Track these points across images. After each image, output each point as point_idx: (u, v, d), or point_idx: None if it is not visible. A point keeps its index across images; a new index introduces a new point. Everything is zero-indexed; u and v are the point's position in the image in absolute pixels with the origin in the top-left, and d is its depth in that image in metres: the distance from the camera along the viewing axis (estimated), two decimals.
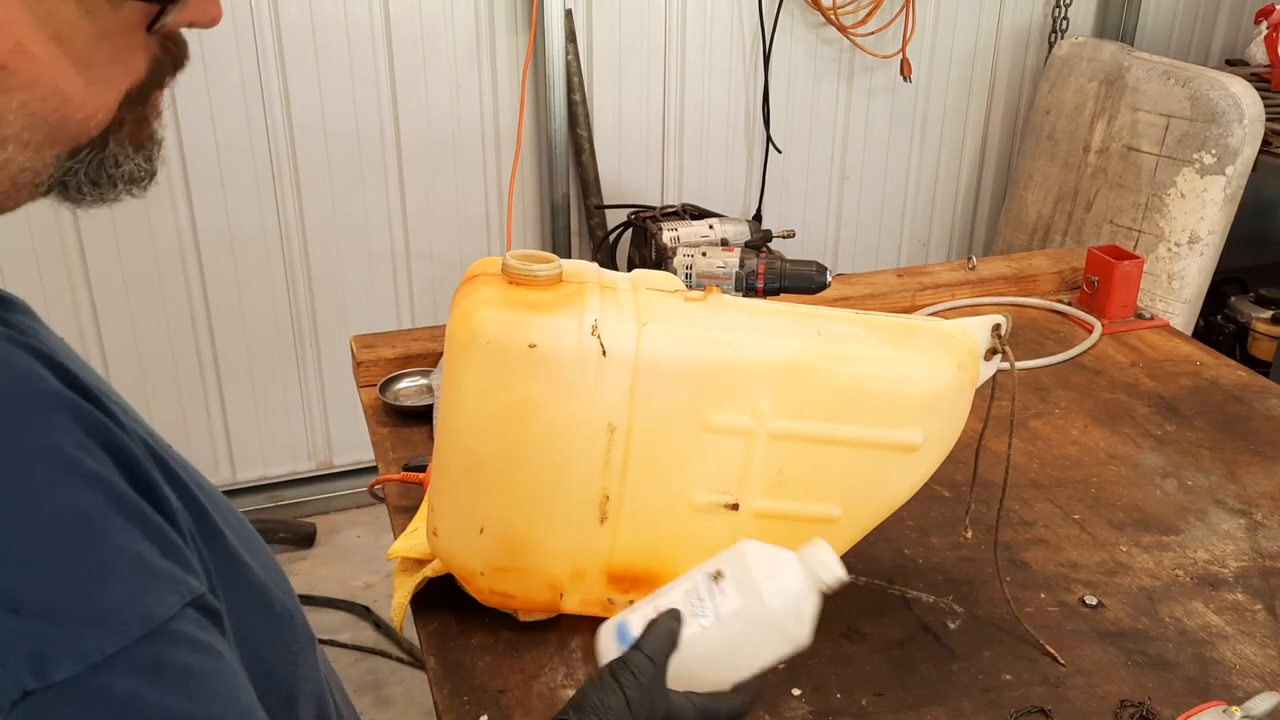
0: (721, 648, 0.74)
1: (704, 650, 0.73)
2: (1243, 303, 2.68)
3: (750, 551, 0.76)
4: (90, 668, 0.43)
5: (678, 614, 0.74)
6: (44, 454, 0.45)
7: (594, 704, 0.69)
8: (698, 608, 0.74)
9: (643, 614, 0.75)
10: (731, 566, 0.75)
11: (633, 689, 0.69)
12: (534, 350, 0.87)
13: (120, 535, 0.46)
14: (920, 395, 0.93)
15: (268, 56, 2.30)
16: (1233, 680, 0.96)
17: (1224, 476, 1.26)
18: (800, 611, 0.75)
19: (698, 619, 0.73)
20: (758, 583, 0.73)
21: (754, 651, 0.75)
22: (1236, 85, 2.45)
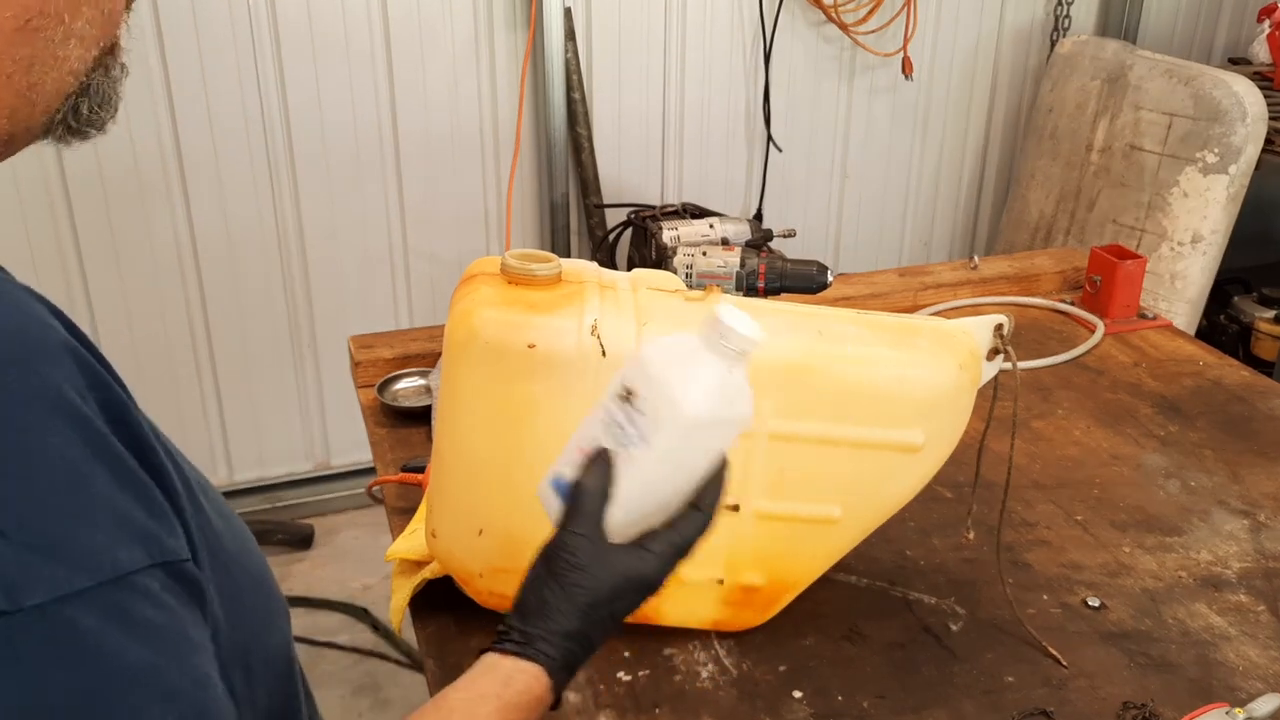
0: (659, 469, 0.67)
1: (643, 481, 0.66)
2: (1246, 302, 2.68)
3: (652, 357, 0.68)
4: (58, 599, 0.45)
5: (604, 456, 0.66)
6: (47, 397, 0.46)
7: (532, 604, 0.65)
8: (620, 436, 0.66)
9: (571, 459, 0.68)
10: (637, 379, 0.67)
11: (569, 573, 0.64)
12: (533, 350, 0.86)
13: (103, 485, 0.47)
14: (922, 395, 0.92)
15: (265, 54, 2.29)
16: (1236, 682, 0.95)
17: (1227, 477, 1.25)
18: (729, 394, 0.67)
19: (625, 449, 0.66)
20: (671, 390, 0.65)
21: (700, 455, 0.68)
22: (1239, 84, 2.45)
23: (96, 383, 0.49)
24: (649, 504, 0.67)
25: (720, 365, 0.66)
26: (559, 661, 0.64)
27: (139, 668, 0.47)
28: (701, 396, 0.66)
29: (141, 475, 0.49)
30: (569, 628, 0.64)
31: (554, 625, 0.64)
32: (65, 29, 0.52)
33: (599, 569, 0.65)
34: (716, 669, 0.96)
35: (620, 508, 0.66)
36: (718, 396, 0.66)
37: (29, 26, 0.50)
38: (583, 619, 0.65)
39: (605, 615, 0.66)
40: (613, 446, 0.67)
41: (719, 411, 0.67)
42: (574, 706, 0.92)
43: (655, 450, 0.66)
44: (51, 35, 0.51)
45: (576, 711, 0.91)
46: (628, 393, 0.67)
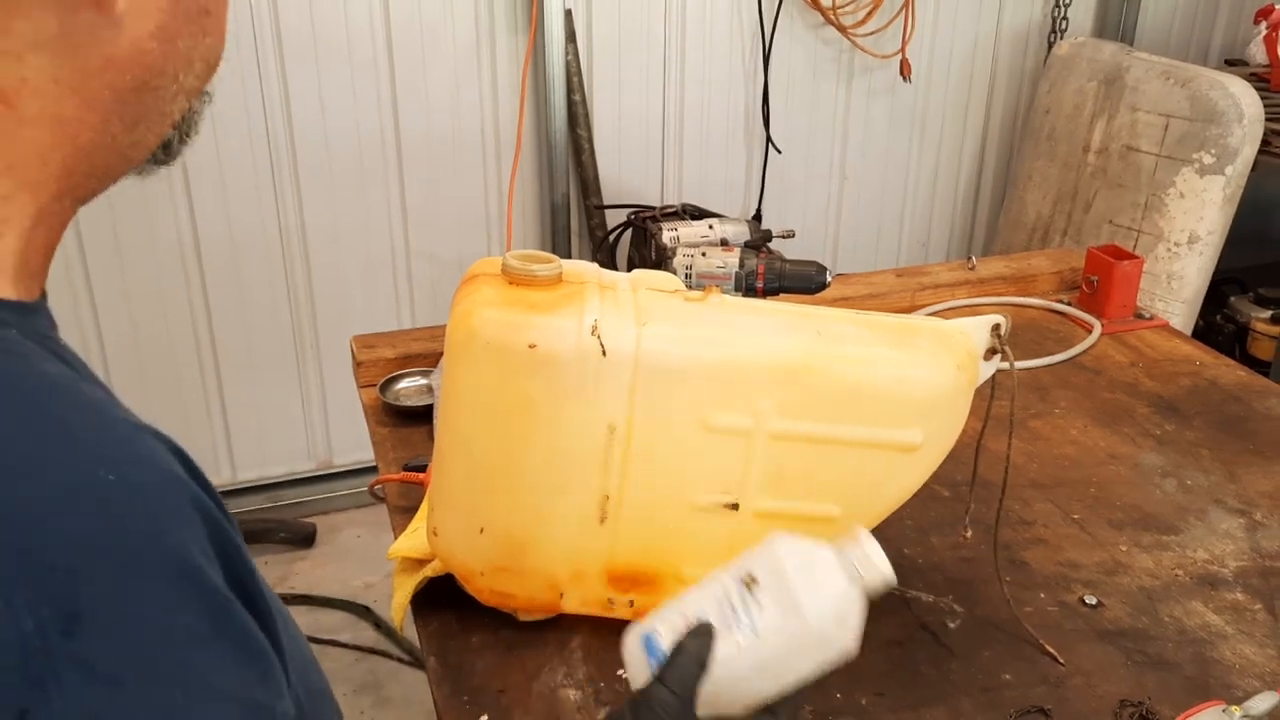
0: (759, 664, 0.67)
1: (740, 668, 0.67)
2: (1242, 302, 2.68)
3: (785, 553, 0.68)
4: None
5: (710, 630, 0.67)
6: (175, 566, 0.43)
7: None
8: (731, 620, 0.67)
9: (671, 623, 0.68)
10: (765, 570, 0.68)
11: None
12: (534, 350, 0.87)
13: (220, 670, 0.44)
14: (920, 395, 0.93)
15: (268, 57, 2.30)
16: (1232, 680, 0.96)
17: (1223, 476, 1.26)
18: (844, 618, 0.67)
19: (733, 633, 0.67)
20: (796, 593, 0.66)
21: (794, 664, 0.68)
22: (1236, 85, 2.45)
23: (218, 536, 0.46)
24: (734, 692, 0.67)
25: (848, 588, 0.68)
26: None
27: None
28: (824, 610, 0.67)
29: (260, 640, 0.46)
30: None
31: None
32: (178, 86, 0.51)
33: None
34: None
35: (709, 684, 0.66)
36: (836, 616, 0.67)
37: (146, 87, 0.49)
38: None
39: None
40: (718, 625, 0.67)
41: (831, 629, 0.67)
42: (574, 704, 0.92)
43: (762, 647, 0.66)
44: (164, 94, 0.50)
45: (577, 709, 0.92)
46: (751, 579, 0.68)
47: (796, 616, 0.66)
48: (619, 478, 0.92)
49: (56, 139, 0.47)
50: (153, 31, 0.48)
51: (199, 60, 0.51)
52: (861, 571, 0.68)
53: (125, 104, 0.49)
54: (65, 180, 0.48)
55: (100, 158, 0.49)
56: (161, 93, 0.50)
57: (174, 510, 0.44)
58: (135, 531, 0.42)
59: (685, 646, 0.66)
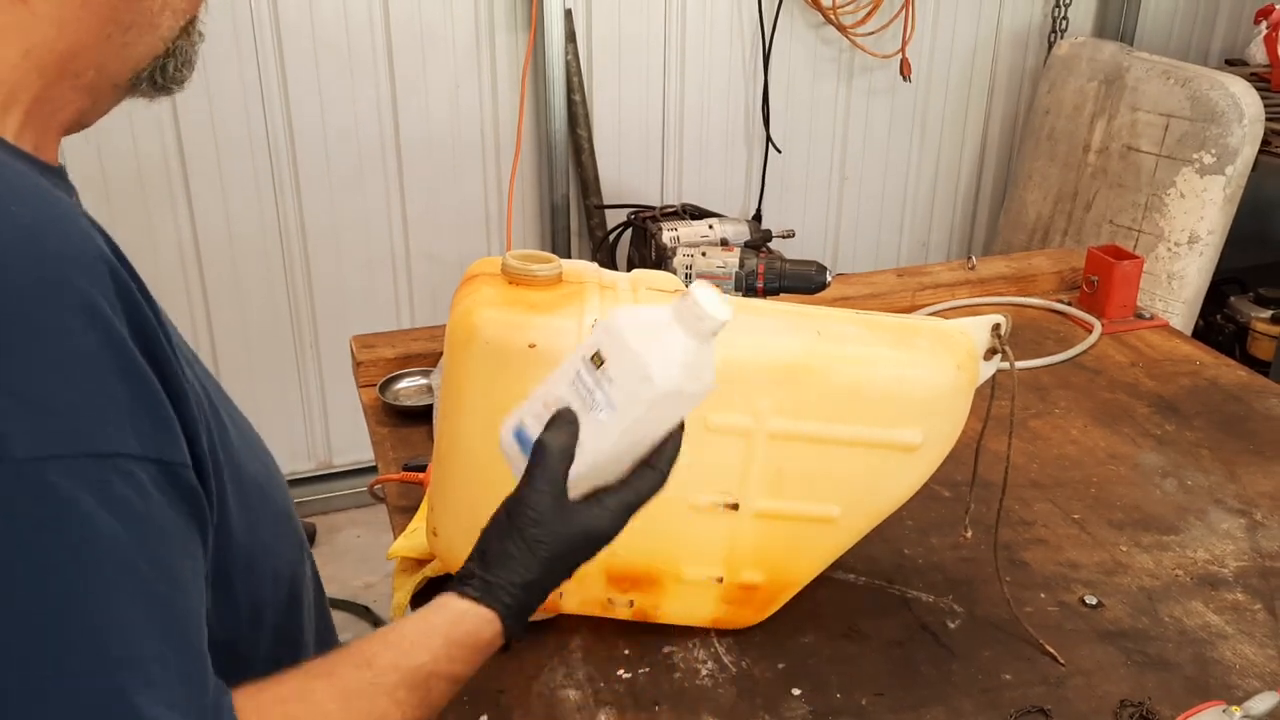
0: (624, 434, 0.68)
1: (608, 444, 0.68)
2: (1242, 302, 2.68)
3: (624, 325, 0.69)
4: (38, 459, 0.49)
5: (570, 415, 0.68)
6: (77, 297, 0.51)
7: (496, 553, 0.67)
8: (588, 399, 0.68)
9: (536, 413, 0.70)
10: (608, 345, 0.68)
11: (531, 528, 0.67)
12: (534, 350, 0.87)
13: (111, 378, 0.52)
14: (920, 395, 0.93)
15: (267, 57, 2.30)
16: (1232, 680, 0.96)
17: (1224, 476, 1.26)
18: (692, 370, 0.68)
19: (592, 412, 0.68)
20: (641, 359, 0.67)
21: (657, 426, 0.70)
22: (1236, 85, 2.45)
23: (127, 298, 0.53)
24: (607, 465, 0.69)
25: (691, 341, 0.68)
26: (514, 610, 0.67)
27: (104, 536, 0.50)
28: (675, 372, 0.67)
29: (153, 384, 0.53)
30: (528, 579, 0.67)
31: (514, 576, 0.67)
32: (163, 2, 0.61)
33: (560, 525, 0.68)
34: (716, 666, 0.97)
35: (580, 467, 0.68)
36: (687, 371, 0.68)
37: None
38: (542, 571, 0.68)
39: (562, 568, 0.69)
40: (578, 408, 0.68)
41: (687, 385, 0.68)
42: (574, 704, 0.92)
43: (622, 419, 0.68)
44: (151, 5, 0.61)
45: (577, 709, 0.92)
46: (599, 358, 0.68)
47: (647, 382, 0.67)
48: None
49: (59, 33, 0.58)
50: None
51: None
52: (701, 325, 0.68)
53: (118, 9, 0.59)
54: (65, 66, 0.59)
55: (97, 53, 0.60)
56: (147, 3, 0.60)
57: (78, 255, 0.52)
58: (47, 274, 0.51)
59: (546, 441, 0.68)
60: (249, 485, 0.64)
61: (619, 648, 0.98)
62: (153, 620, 0.51)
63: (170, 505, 0.53)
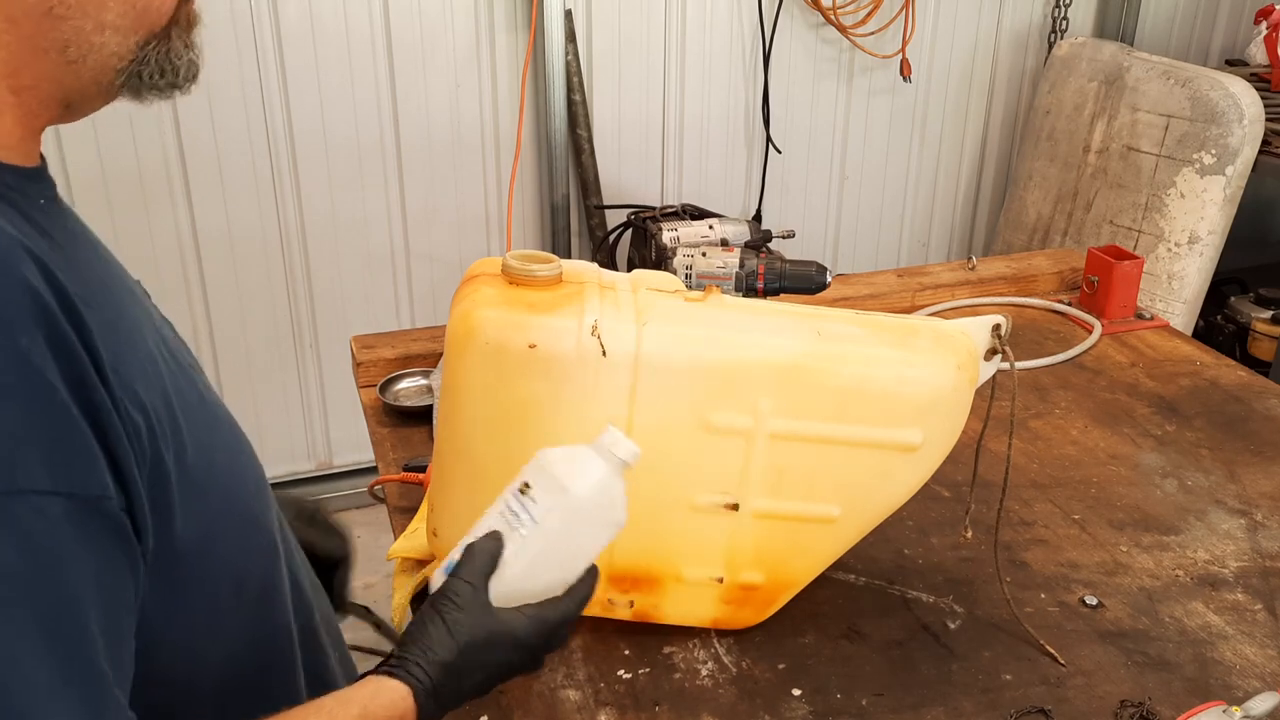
0: (544, 551, 0.74)
1: (529, 559, 0.74)
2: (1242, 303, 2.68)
3: (547, 456, 0.76)
4: None
5: (496, 534, 0.74)
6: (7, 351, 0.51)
7: (415, 634, 0.70)
8: (513, 521, 0.74)
9: (462, 545, 0.76)
10: (534, 474, 0.76)
11: (451, 612, 0.70)
12: (534, 350, 0.87)
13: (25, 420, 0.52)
14: (920, 395, 0.93)
15: (267, 57, 2.30)
16: (1233, 680, 0.96)
17: (1224, 476, 1.26)
18: (610, 496, 0.75)
19: (516, 531, 0.74)
20: (562, 480, 0.74)
21: (577, 546, 0.76)
22: (1236, 85, 2.45)
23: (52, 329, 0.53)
24: (529, 584, 0.74)
25: (607, 469, 0.76)
26: (427, 686, 0.68)
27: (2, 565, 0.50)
28: (587, 486, 0.75)
29: (71, 419, 0.54)
30: (444, 658, 0.69)
31: (429, 654, 0.69)
32: (95, 22, 0.59)
33: (478, 613, 0.71)
34: (716, 667, 0.97)
35: (504, 579, 0.73)
36: (600, 493, 0.75)
37: (53, 14, 0.58)
38: (457, 654, 0.70)
39: (477, 663, 0.71)
40: (505, 532, 0.75)
41: (600, 508, 0.75)
42: (574, 704, 0.92)
43: (543, 530, 0.74)
44: (81, 25, 0.59)
45: (577, 709, 0.92)
46: (524, 485, 0.76)
47: (565, 496, 0.74)
48: None
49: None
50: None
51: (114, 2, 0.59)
52: (616, 454, 0.76)
53: (42, 27, 0.58)
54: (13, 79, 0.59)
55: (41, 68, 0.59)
56: (74, 23, 0.59)
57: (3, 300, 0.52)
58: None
59: (474, 546, 0.74)
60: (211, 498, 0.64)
61: (619, 648, 0.98)
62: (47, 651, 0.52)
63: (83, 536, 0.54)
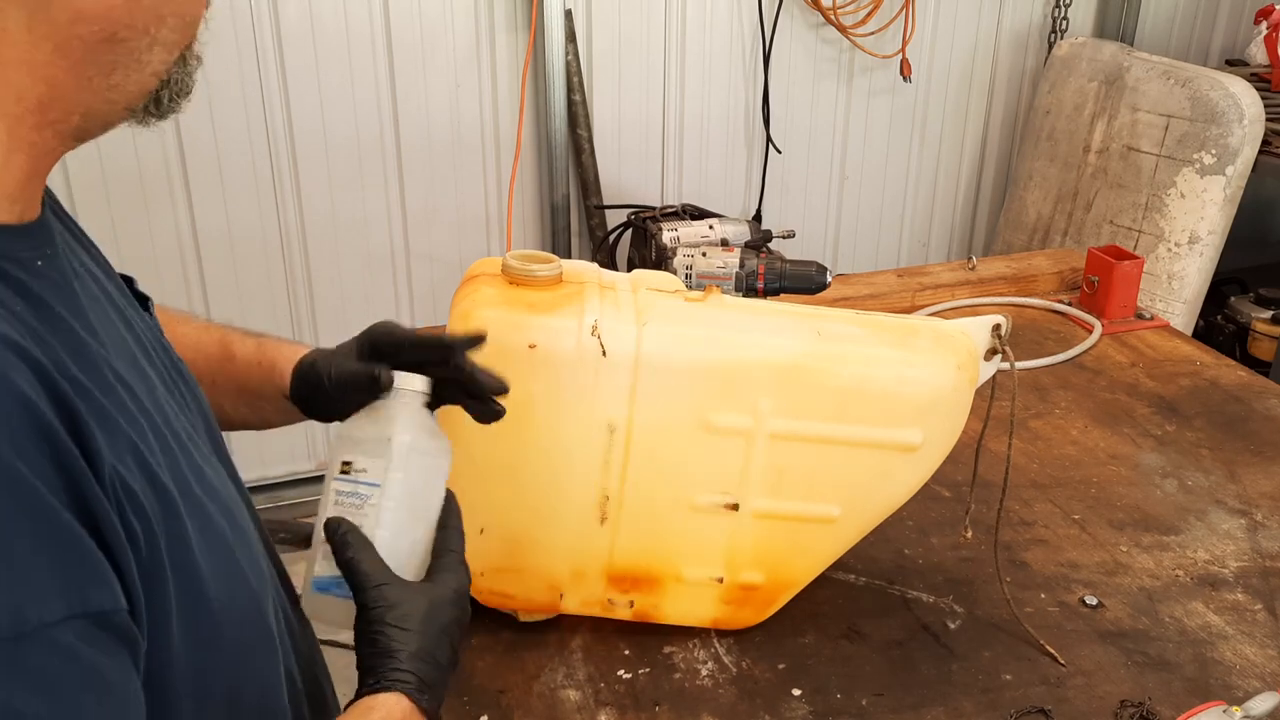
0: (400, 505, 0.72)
1: (390, 521, 0.72)
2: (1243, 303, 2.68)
3: (346, 429, 0.76)
4: None
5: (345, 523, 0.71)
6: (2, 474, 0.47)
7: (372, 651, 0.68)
8: (353, 500, 0.72)
9: (315, 558, 0.73)
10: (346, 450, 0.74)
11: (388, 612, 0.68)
12: (534, 350, 0.87)
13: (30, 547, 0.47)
14: (920, 395, 0.93)
15: (267, 57, 2.30)
16: (1233, 680, 0.96)
17: (1224, 476, 1.26)
18: (427, 425, 0.75)
19: (362, 508, 0.72)
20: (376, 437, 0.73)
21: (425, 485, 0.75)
22: (1236, 85, 2.46)
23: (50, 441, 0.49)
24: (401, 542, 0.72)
25: (406, 410, 0.75)
26: (414, 683, 0.67)
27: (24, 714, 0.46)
28: (404, 428, 0.74)
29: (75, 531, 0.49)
30: (410, 649, 0.67)
31: (396, 658, 0.67)
32: (150, 39, 0.55)
33: (407, 594, 0.69)
34: (716, 667, 0.97)
35: (387, 551, 0.71)
36: (416, 428, 0.74)
37: (115, 39, 0.54)
38: (419, 639, 0.68)
39: (438, 630, 0.69)
40: (350, 516, 0.72)
41: (424, 440, 0.75)
42: (575, 704, 0.92)
43: (387, 489, 0.72)
44: (136, 44, 0.55)
45: (577, 709, 0.92)
46: (344, 465, 0.73)
47: (388, 446, 0.72)
48: (619, 478, 0.92)
49: (32, 80, 0.53)
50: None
51: (171, 15, 0.56)
52: (407, 389, 0.75)
53: (96, 53, 0.54)
54: (42, 115, 0.54)
55: (79, 98, 0.55)
56: (132, 44, 0.55)
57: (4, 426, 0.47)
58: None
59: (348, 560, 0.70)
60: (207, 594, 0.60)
61: (619, 648, 0.98)
62: None
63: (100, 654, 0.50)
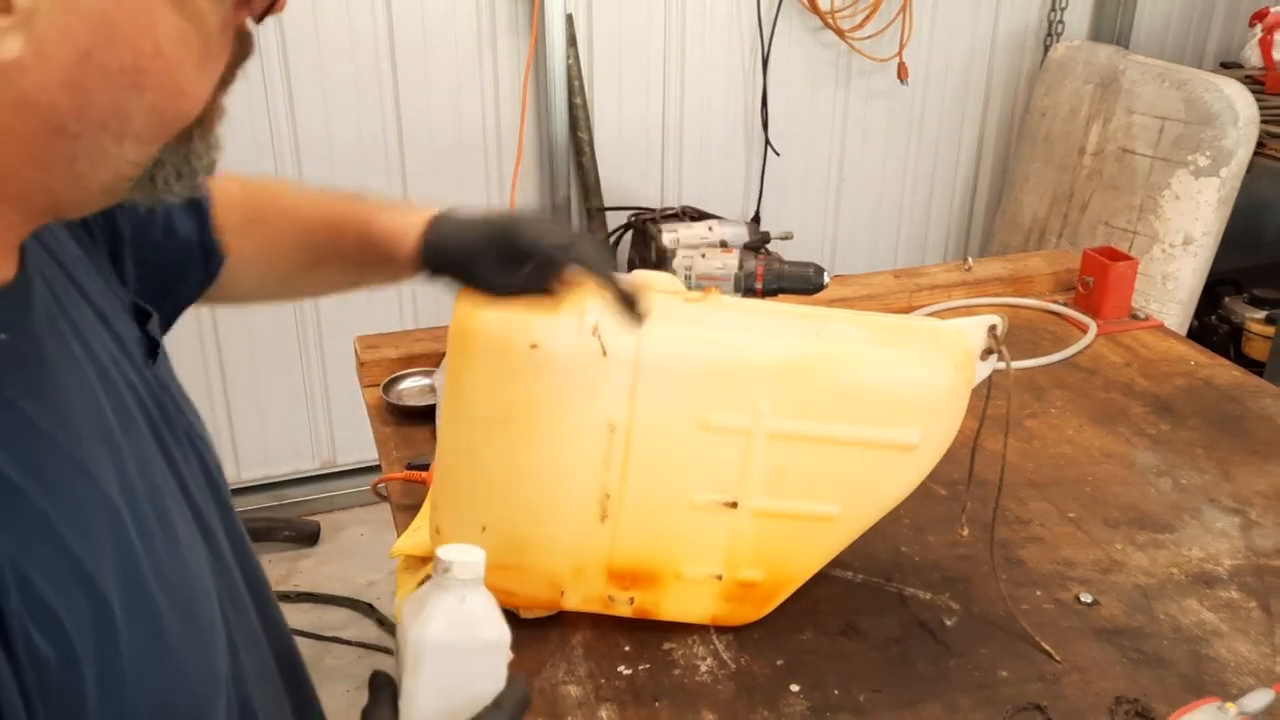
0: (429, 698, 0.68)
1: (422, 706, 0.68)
2: (1237, 303, 2.70)
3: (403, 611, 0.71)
4: None
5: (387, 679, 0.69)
6: None
7: None
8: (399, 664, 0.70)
9: None
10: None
11: None
12: (535, 350, 0.88)
13: None
14: (917, 395, 0.94)
15: (271, 62, 2.31)
16: (1227, 677, 0.96)
17: (1218, 475, 1.27)
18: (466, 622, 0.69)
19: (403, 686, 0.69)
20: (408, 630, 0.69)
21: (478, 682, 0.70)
22: (1231, 88, 2.47)
23: None
24: None
25: (449, 597, 0.69)
26: None
27: None
28: (436, 625, 0.68)
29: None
30: None
31: None
32: (115, 134, 0.52)
33: None
34: (715, 663, 0.98)
35: None
36: (451, 623, 0.69)
37: (64, 133, 0.50)
38: None
39: None
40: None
41: (459, 637, 0.69)
42: (575, 700, 0.93)
43: (420, 683, 0.68)
44: (98, 140, 0.51)
45: (578, 705, 0.93)
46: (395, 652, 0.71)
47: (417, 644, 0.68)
48: (619, 476, 0.93)
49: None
50: (62, 82, 0.49)
51: (140, 112, 0.52)
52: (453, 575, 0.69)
53: (45, 144, 0.50)
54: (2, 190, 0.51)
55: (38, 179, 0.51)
56: (87, 140, 0.51)
57: None
58: None
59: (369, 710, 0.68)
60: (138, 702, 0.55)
61: (619, 644, 0.99)
62: None
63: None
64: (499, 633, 0.70)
